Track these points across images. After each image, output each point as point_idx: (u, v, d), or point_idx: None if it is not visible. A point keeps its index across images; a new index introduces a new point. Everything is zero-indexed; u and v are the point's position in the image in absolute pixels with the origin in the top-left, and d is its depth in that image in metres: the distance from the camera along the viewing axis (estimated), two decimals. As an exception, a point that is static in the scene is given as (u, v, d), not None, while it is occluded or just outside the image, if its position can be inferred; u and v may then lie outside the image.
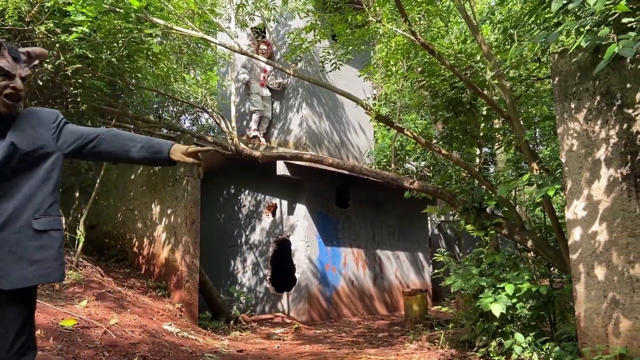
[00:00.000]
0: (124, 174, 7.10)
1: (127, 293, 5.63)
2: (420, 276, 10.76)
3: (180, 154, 2.16)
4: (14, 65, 2.01)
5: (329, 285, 8.55)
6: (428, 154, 7.42)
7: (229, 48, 6.09)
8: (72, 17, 4.92)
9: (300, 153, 7.41)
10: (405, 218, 10.50)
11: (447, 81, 5.39)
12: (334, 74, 7.38)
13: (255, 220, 8.95)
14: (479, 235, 5.15)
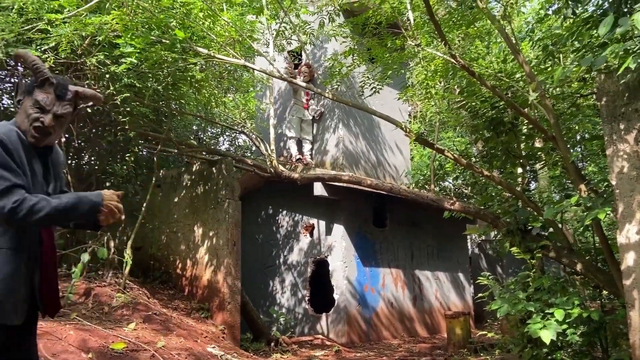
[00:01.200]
0: (167, 197, 7.31)
1: (172, 315, 5.76)
2: (461, 297, 10.58)
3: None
4: (54, 101, 2.11)
5: (368, 307, 8.51)
6: (467, 174, 7.36)
7: (269, 74, 6.24)
8: (121, 49, 5.15)
9: (339, 174, 7.47)
10: (445, 237, 10.38)
11: (488, 101, 5.37)
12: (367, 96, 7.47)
13: (293, 240, 9.02)
14: (524, 257, 5.06)
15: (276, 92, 9.38)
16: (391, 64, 5.13)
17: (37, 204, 1.87)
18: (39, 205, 1.88)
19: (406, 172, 9.99)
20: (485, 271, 9.02)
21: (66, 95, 2.15)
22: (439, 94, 6.01)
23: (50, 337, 4.24)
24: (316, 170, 8.32)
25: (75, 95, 2.20)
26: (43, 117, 2.08)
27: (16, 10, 5.13)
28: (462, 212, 6.00)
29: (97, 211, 1.98)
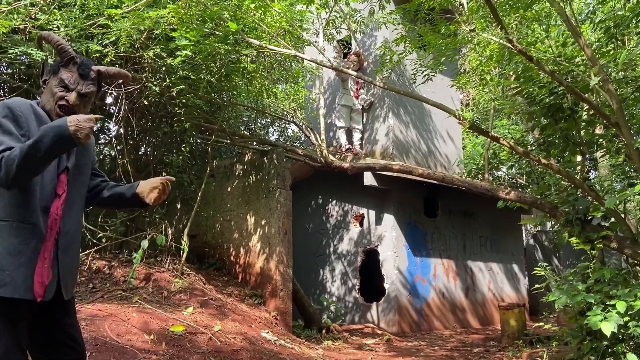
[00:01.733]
0: (221, 187, 7.51)
1: (227, 300, 5.94)
2: (515, 289, 10.35)
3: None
4: (78, 80, 2.17)
5: (419, 297, 8.47)
6: (523, 162, 7.17)
7: (320, 64, 6.27)
8: (176, 42, 5.32)
9: (389, 164, 7.44)
10: (498, 228, 10.17)
11: (546, 87, 5.21)
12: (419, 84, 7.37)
13: (343, 230, 9.07)
14: (584, 248, 4.91)
15: (326, 82, 9.41)
16: (444, 50, 5.05)
17: (10, 154, 1.88)
18: (12, 155, 1.88)
19: (458, 161, 9.83)
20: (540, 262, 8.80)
21: (89, 74, 2.20)
22: (493, 81, 5.87)
23: (115, 319, 4.47)
24: (366, 160, 8.32)
25: (98, 75, 2.25)
26: (67, 95, 2.15)
27: (78, 7, 5.38)
28: (518, 202, 5.86)
29: (66, 134, 1.89)
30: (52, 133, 1.87)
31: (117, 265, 5.94)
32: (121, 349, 4.05)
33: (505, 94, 7.27)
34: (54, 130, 1.88)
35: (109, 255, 6.28)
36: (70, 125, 1.89)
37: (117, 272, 5.83)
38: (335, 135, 9.22)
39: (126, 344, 4.15)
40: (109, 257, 6.23)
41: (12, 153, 1.88)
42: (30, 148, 1.86)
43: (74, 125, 1.89)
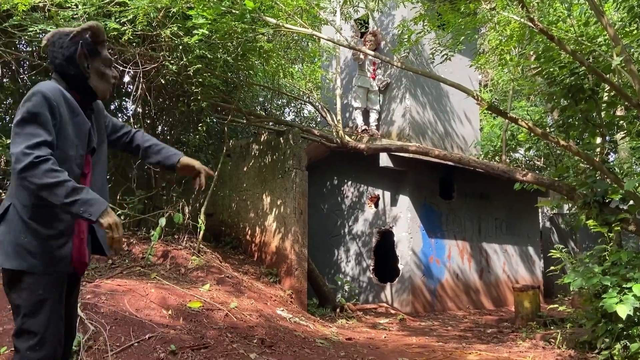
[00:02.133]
0: (237, 166, 7.56)
1: (243, 278, 6.03)
2: (530, 272, 10.32)
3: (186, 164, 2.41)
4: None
5: (432, 278, 8.50)
6: (542, 144, 7.09)
7: (337, 43, 6.23)
8: (193, 20, 5.32)
9: (406, 145, 7.41)
10: (514, 210, 10.11)
11: (567, 67, 5.13)
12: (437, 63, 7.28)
13: (358, 210, 9.10)
14: (601, 231, 4.87)
15: (342, 61, 9.35)
16: (463, 29, 4.98)
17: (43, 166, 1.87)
18: (44, 168, 1.86)
19: (475, 143, 9.75)
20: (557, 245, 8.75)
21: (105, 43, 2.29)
22: (513, 61, 5.79)
23: (134, 294, 4.57)
24: (382, 141, 8.30)
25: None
26: (114, 72, 2.26)
27: (97, -15, 5.39)
28: (536, 184, 5.83)
29: (90, 217, 1.89)
30: (88, 206, 1.88)
31: (135, 242, 6.05)
32: (140, 323, 4.15)
33: (525, 75, 7.16)
34: (92, 205, 1.89)
35: (128, 233, 6.39)
36: (105, 221, 1.90)
37: (135, 248, 5.94)
38: (352, 116, 9.20)
39: (145, 319, 4.25)
40: (127, 234, 6.34)
41: (45, 165, 1.87)
42: (60, 187, 1.87)
43: (109, 224, 1.91)
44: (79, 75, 2.19)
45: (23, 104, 2.01)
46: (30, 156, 1.88)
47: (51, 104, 2.02)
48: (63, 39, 2.19)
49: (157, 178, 6.97)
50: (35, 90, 2.03)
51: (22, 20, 5.03)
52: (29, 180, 1.88)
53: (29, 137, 1.93)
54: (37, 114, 1.97)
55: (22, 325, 1.98)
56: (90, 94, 2.23)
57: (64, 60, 2.18)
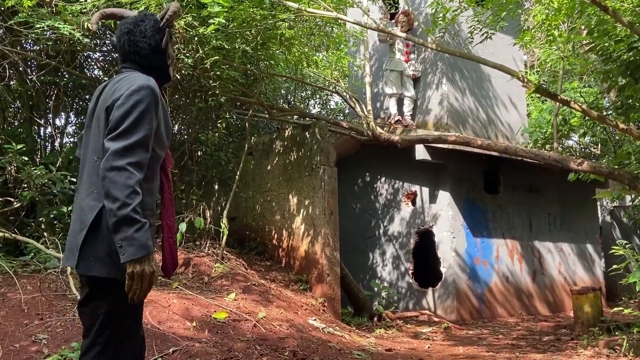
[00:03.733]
0: (260, 165, 7.63)
1: (271, 286, 6.08)
2: (590, 272, 10.10)
3: None
4: None
5: (479, 281, 8.41)
6: (598, 129, 6.94)
7: (364, 26, 6.22)
8: (209, 9, 5.38)
9: (444, 135, 7.35)
10: (569, 204, 9.91)
11: (624, 42, 5.00)
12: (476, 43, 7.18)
13: (393, 209, 9.07)
14: (670, 223, 4.74)
15: (371, 47, 9.32)
16: (505, 3, 4.91)
17: (135, 197, 1.90)
18: (133, 196, 1.90)
19: (523, 130, 9.59)
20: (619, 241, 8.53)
21: None
22: (562, 37, 5.67)
23: (155, 306, 4.67)
24: (418, 132, 8.24)
25: None
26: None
27: (106, -24, 5.51)
28: (593, 173, 5.70)
29: (138, 255, 1.92)
30: (129, 243, 1.90)
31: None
32: (163, 336, 4.24)
33: (577, 52, 7.01)
34: (132, 244, 1.91)
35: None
36: (131, 269, 1.92)
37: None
38: (384, 106, 9.16)
39: (168, 331, 4.33)
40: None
41: (134, 187, 1.90)
42: (126, 209, 1.88)
43: (132, 273, 1.93)
44: (161, 64, 2.26)
45: (128, 97, 2.00)
46: (129, 176, 1.91)
47: (157, 100, 2.07)
48: (144, 26, 2.21)
49: (175, 181, 7.10)
50: (143, 84, 2.04)
51: (28, 17, 5.17)
52: (110, 186, 1.90)
53: (136, 149, 1.95)
54: (146, 115, 2.00)
55: (112, 336, 2.01)
56: (166, 79, 2.32)
57: (150, 50, 2.21)
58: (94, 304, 2.05)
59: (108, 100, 2.07)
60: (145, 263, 1.95)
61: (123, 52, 2.24)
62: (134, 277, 1.93)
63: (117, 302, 2.01)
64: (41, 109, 6.97)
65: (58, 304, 4.43)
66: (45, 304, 4.35)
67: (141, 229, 1.93)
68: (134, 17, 2.25)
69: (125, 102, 2.00)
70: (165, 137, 2.18)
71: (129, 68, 2.22)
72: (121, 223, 1.89)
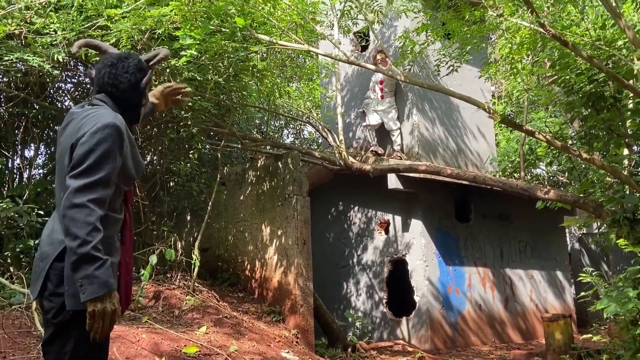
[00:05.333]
0: (233, 195, 7.59)
1: (243, 318, 6.00)
2: (560, 299, 10.22)
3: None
4: None
5: (452, 310, 8.43)
6: (563, 158, 7.12)
7: (335, 58, 6.32)
8: (180, 41, 5.41)
9: (415, 164, 7.44)
10: (539, 231, 10.06)
11: (584, 74, 5.17)
12: (443, 76, 7.34)
13: (367, 238, 9.08)
14: (633, 251, 4.85)
15: (343, 78, 9.46)
16: (470, 38, 5.05)
17: (95, 234, 1.89)
18: (94, 233, 1.89)
19: (491, 159, 9.77)
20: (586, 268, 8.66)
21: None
22: (526, 69, 5.85)
23: (123, 341, 4.56)
24: (389, 161, 8.32)
25: None
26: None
27: (76, 8, 5.52)
28: (559, 202, 5.82)
29: (99, 292, 1.90)
30: (89, 281, 1.88)
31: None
32: (131, 372, 4.13)
33: (541, 83, 7.22)
34: (93, 282, 1.88)
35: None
36: (92, 307, 1.90)
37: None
38: (355, 136, 9.25)
39: (136, 367, 4.22)
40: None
41: (95, 224, 1.90)
42: (87, 247, 1.87)
43: (92, 312, 1.90)
44: (137, 102, 2.28)
45: (92, 135, 2.01)
46: (89, 213, 1.90)
47: (122, 138, 2.07)
48: (127, 63, 2.24)
49: (146, 212, 7.01)
50: (108, 122, 2.05)
51: (-4, 49, 5.14)
52: (70, 223, 1.89)
53: (97, 186, 1.96)
54: (109, 153, 2.01)
55: None
56: (134, 120, 2.33)
57: (129, 86, 2.23)
58: (59, 342, 2.02)
59: (73, 138, 2.07)
60: (107, 301, 1.93)
61: (101, 83, 2.25)
62: (95, 315, 1.90)
63: (82, 338, 1.98)
64: (9, 141, 6.86)
65: (22, 341, 4.29)
66: (8, 341, 4.21)
67: (102, 267, 1.91)
68: (119, 54, 2.30)
69: (88, 140, 2.00)
70: (133, 172, 2.19)
71: (101, 100, 2.22)
72: (81, 261, 1.88)
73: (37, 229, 5.57)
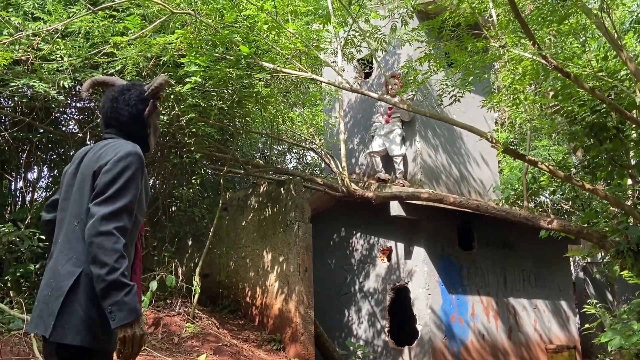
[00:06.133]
0: (234, 221, 7.60)
1: (243, 347, 5.96)
2: (565, 329, 10.10)
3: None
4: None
5: (455, 339, 8.34)
6: (567, 187, 7.12)
7: (338, 86, 6.38)
8: (185, 68, 5.49)
9: (418, 191, 7.45)
10: (543, 260, 10.00)
11: (587, 105, 5.21)
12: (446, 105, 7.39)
13: (369, 265, 9.04)
14: (638, 282, 4.82)
15: (346, 104, 9.52)
16: (472, 68, 5.11)
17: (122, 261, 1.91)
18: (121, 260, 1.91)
19: (494, 187, 9.77)
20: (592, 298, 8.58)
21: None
22: (529, 99, 5.90)
23: (121, 369, 4.52)
24: (392, 188, 8.33)
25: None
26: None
27: (83, 35, 5.62)
28: (562, 231, 5.81)
29: (127, 319, 1.91)
30: (118, 307, 1.89)
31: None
32: (128, 402, 4.09)
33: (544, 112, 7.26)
34: (122, 309, 1.89)
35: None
36: (123, 333, 1.91)
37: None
38: (358, 162, 9.27)
39: (134, 397, 4.18)
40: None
41: (123, 263, 1.91)
42: (115, 274, 1.89)
43: (124, 338, 1.92)
44: (141, 134, 2.30)
45: (116, 163, 2.04)
46: (116, 241, 1.92)
47: (143, 167, 2.12)
48: (129, 95, 2.27)
49: (147, 237, 7.01)
50: (130, 150, 2.09)
51: (3, 74, 5.20)
52: (98, 251, 1.90)
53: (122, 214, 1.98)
54: (132, 181, 2.04)
55: None
56: (146, 150, 2.34)
57: (130, 118, 2.27)
58: None
59: (94, 166, 2.09)
60: (136, 326, 1.94)
61: (106, 118, 2.29)
62: (126, 341, 1.92)
63: None
64: (13, 164, 6.91)
65: (19, 368, 4.26)
66: (5, 368, 4.19)
67: (130, 293, 1.92)
68: (121, 86, 2.32)
69: (112, 168, 2.03)
70: (145, 203, 2.22)
71: (112, 134, 2.26)
72: (110, 288, 1.89)
73: (38, 254, 5.57)
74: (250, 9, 5.44)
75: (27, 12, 5.49)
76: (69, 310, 1.98)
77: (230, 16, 5.36)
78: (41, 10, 5.44)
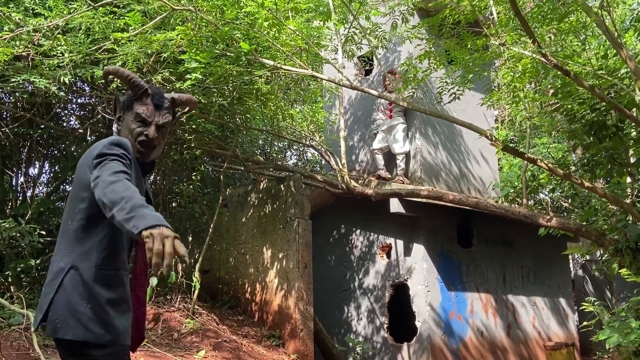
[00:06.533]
0: (234, 217, 7.61)
1: (242, 342, 5.97)
2: (563, 326, 10.12)
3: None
4: (154, 112, 2.24)
5: (454, 336, 8.35)
6: (566, 185, 7.13)
7: (338, 83, 6.39)
8: (186, 64, 5.50)
9: (417, 189, 7.46)
10: (542, 258, 10.02)
11: (586, 103, 5.21)
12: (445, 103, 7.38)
13: (368, 262, 9.05)
14: (636, 281, 4.83)
15: (346, 101, 9.53)
16: (472, 66, 5.11)
17: (128, 189, 1.78)
18: (126, 189, 1.77)
19: (494, 185, 9.78)
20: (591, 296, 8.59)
21: (164, 103, 2.28)
22: (529, 97, 5.90)
23: (121, 364, 4.54)
24: (392, 185, 8.34)
25: (172, 102, 2.34)
26: (147, 130, 2.20)
27: (83, 31, 5.62)
28: (561, 229, 5.82)
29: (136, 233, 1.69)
30: (137, 220, 1.69)
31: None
32: (128, 396, 4.10)
33: (544, 110, 7.27)
34: (143, 219, 1.69)
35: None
36: (147, 231, 1.64)
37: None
38: (358, 159, 9.28)
39: (134, 392, 4.20)
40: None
41: (129, 191, 1.78)
42: (131, 200, 1.74)
43: (150, 234, 1.64)
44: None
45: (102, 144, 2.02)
46: (119, 177, 1.83)
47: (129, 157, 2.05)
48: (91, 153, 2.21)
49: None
50: (115, 138, 2.08)
51: (3, 70, 5.21)
52: (105, 197, 1.77)
53: (112, 159, 1.93)
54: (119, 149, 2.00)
55: None
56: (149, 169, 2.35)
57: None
58: None
59: (89, 158, 2.07)
60: (163, 228, 1.67)
61: None
62: (154, 236, 1.62)
63: None
64: (14, 160, 6.92)
65: (19, 363, 4.28)
66: (5, 363, 4.20)
67: (152, 210, 1.75)
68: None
69: (99, 147, 2.02)
70: None
71: None
72: (129, 211, 1.70)
73: (39, 249, 5.59)
74: (251, 6, 5.44)
75: (27, 8, 5.49)
76: (59, 305, 1.98)
77: (230, 13, 5.36)
78: (42, 6, 5.43)
